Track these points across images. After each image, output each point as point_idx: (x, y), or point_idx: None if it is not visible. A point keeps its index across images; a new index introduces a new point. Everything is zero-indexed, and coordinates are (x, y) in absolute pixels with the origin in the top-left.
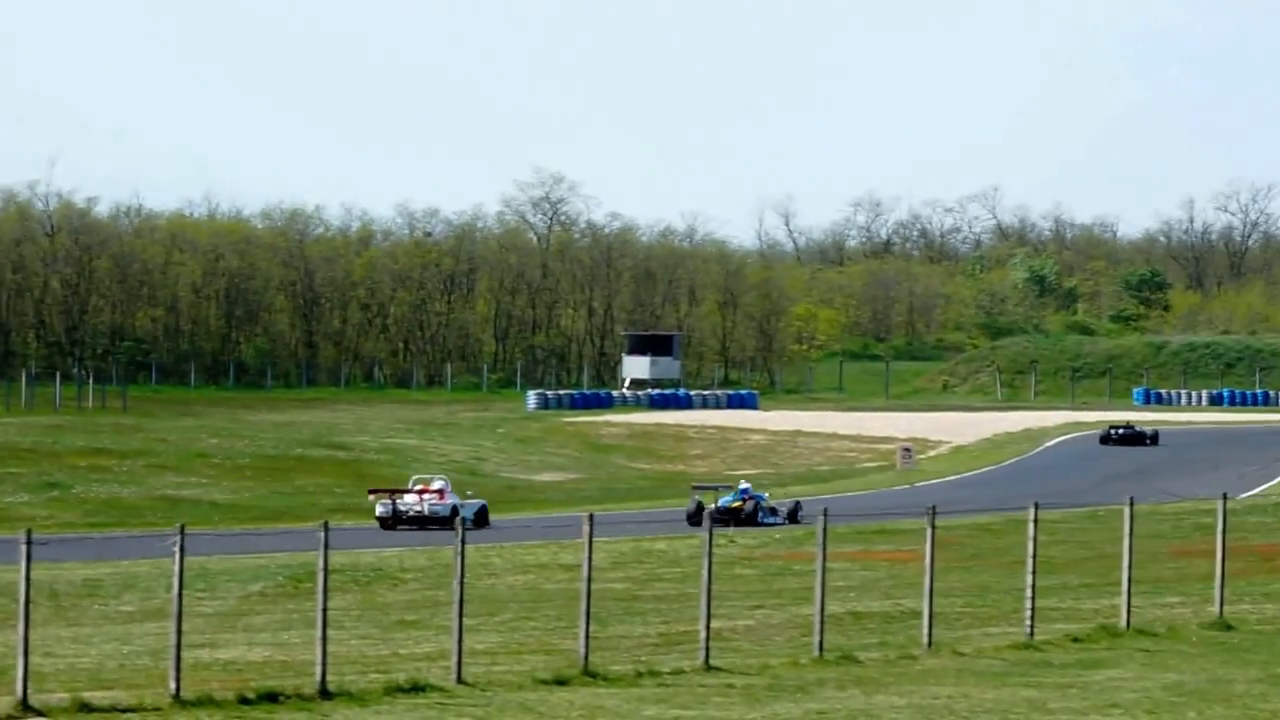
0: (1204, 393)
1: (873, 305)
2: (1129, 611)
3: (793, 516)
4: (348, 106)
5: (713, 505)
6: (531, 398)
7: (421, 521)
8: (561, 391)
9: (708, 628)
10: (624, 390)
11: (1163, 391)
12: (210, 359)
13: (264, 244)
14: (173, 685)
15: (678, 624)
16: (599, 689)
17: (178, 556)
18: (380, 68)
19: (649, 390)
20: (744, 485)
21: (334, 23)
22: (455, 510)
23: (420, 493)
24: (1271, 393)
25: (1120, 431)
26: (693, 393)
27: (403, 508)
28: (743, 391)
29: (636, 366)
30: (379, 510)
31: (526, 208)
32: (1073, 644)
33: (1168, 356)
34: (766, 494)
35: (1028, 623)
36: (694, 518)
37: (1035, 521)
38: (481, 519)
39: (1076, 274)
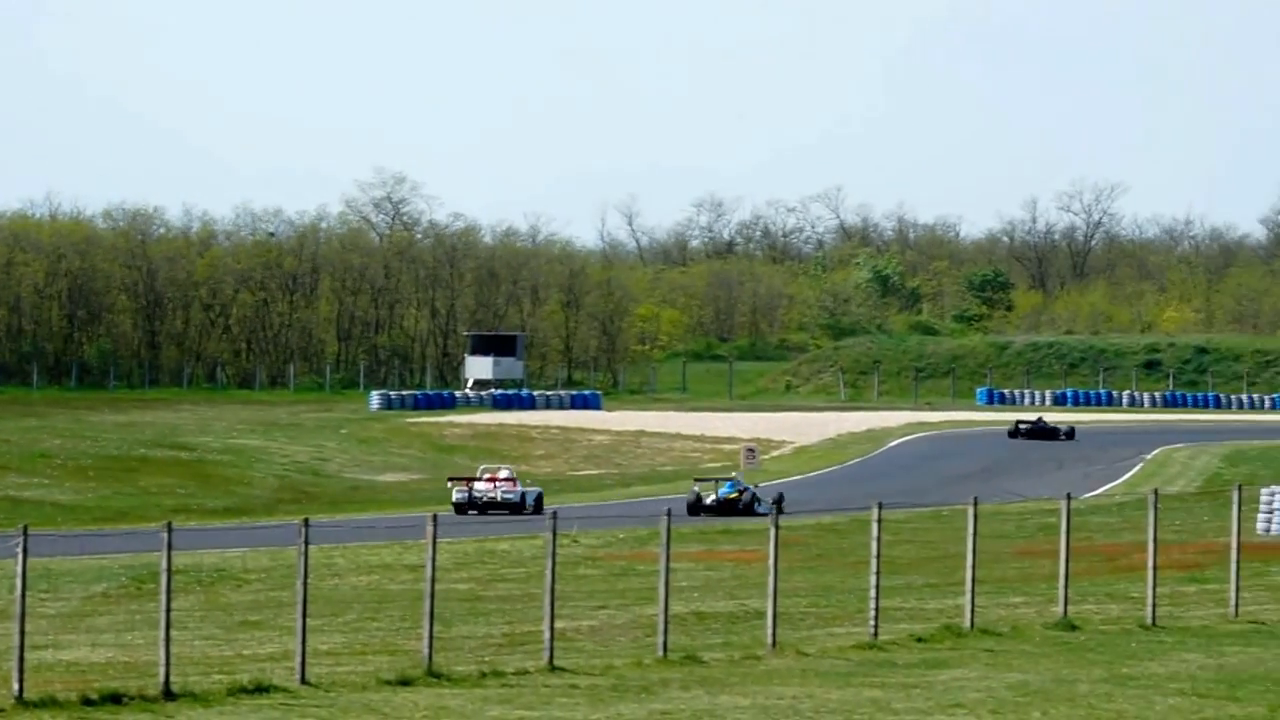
0: (1048, 393)
1: (716, 305)
2: (973, 611)
3: (778, 506)
4: (189, 107)
5: (712, 497)
6: (375, 398)
7: (495, 507)
8: (405, 392)
9: (552, 628)
10: (467, 391)
11: (1006, 391)
12: (53, 359)
13: (106, 244)
14: (15, 686)
15: (522, 624)
16: (443, 689)
17: (20, 557)
18: (221, 67)
19: (492, 390)
20: (736, 476)
21: (175, 21)
22: (524, 497)
23: (491, 480)
24: (1114, 393)
25: (1029, 426)
26: (536, 393)
27: (478, 494)
28: (586, 392)
29: (480, 367)
30: (456, 496)
31: (368, 208)
32: (917, 644)
33: (1011, 357)
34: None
35: (872, 623)
36: (694, 508)
37: (879, 521)
38: (539, 505)
39: (920, 274)
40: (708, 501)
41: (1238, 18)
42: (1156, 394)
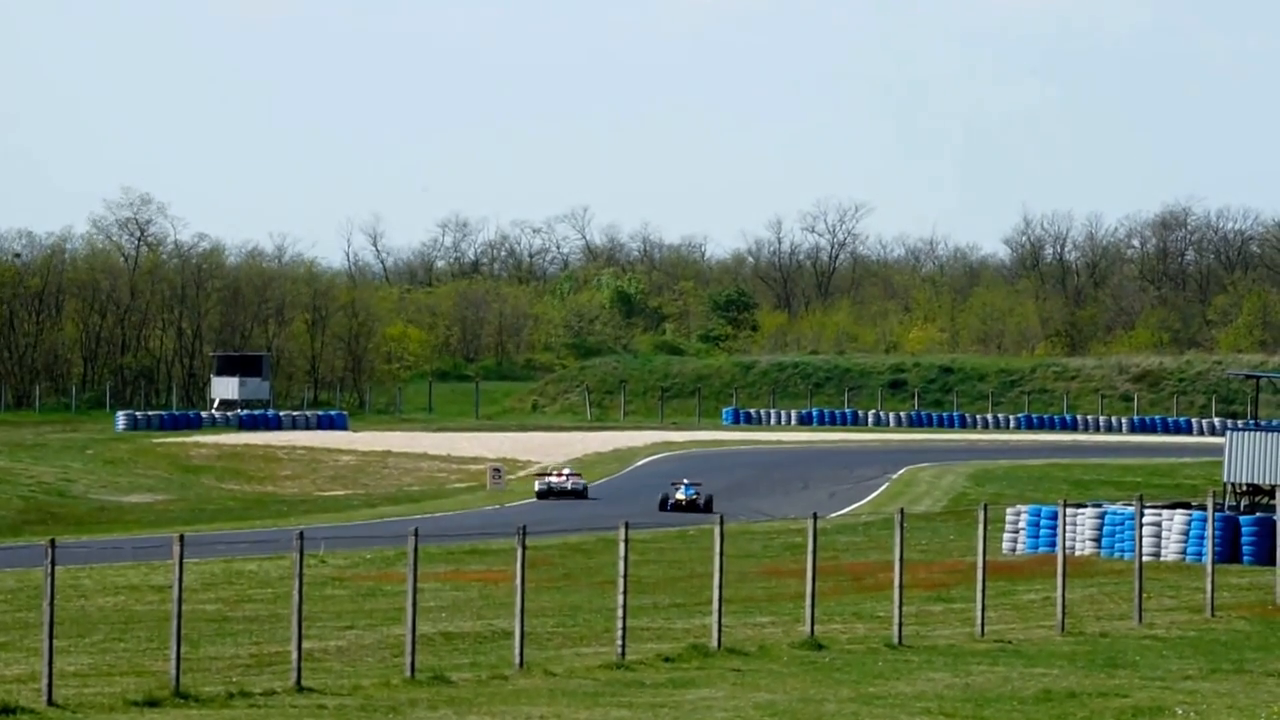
0: (793, 412)
1: (462, 325)
2: (720, 631)
3: (709, 506)
4: None
5: (679, 495)
6: (120, 418)
7: (565, 494)
8: (151, 412)
9: (299, 648)
10: (213, 411)
11: (752, 411)
12: None
13: None
14: None
15: (269, 645)
16: (191, 710)
17: None
18: None
19: (238, 411)
20: (689, 483)
21: None
22: (585, 488)
23: (560, 475)
24: (860, 412)
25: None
26: (282, 413)
27: (554, 485)
28: (333, 412)
29: (225, 387)
30: (537, 486)
31: (114, 228)
32: (664, 664)
33: (756, 376)
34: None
35: (619, 642)
36: (663, 504)
37: (626, 541)
38: (585, 493)
39: (665, 294)
40: (676, 499)
41: (982, 37)
42: (902, 413)
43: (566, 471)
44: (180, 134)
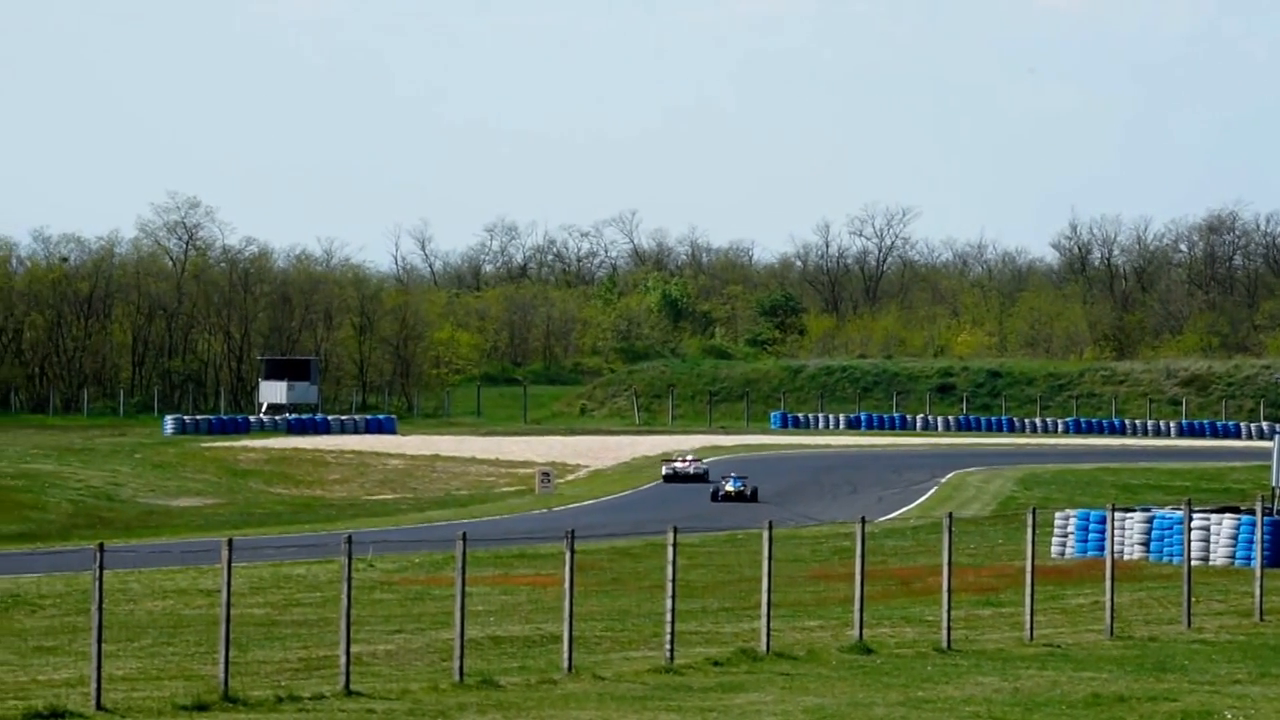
0: (841, 416)
1: (510, 329)
2: (769, 635)
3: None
4: None
5: (729, 489)
6: (169, 423)
7: (690, 479)
8: (199, 417)
9: (348, 652)
10: (261, 415)
11: (800, 415)
12: None
13: None
14: None
15: (318, 649)
16: (239, 714)
17: None
18: (17, 88)
19: (286, 415)
20: (736, 476)
21: None
22: (706, 471)
23: (684, 461)
24: (908, 416)
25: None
26: (330, 417)
27: (679, 469)
28: (380, 416)
29: (273, 391)
30: (664, 470)
31: (162, 232)
32: (713, 668)
33: (804, 380)
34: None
35: (668, 646)
36: (715, 496)
37: (674, 545)
38: (707, 476)
39: (713, 298)
40: (725, 491)
41: (1026, 42)
42: (950, 418)
43: (690, 457)
44: (228, 138)
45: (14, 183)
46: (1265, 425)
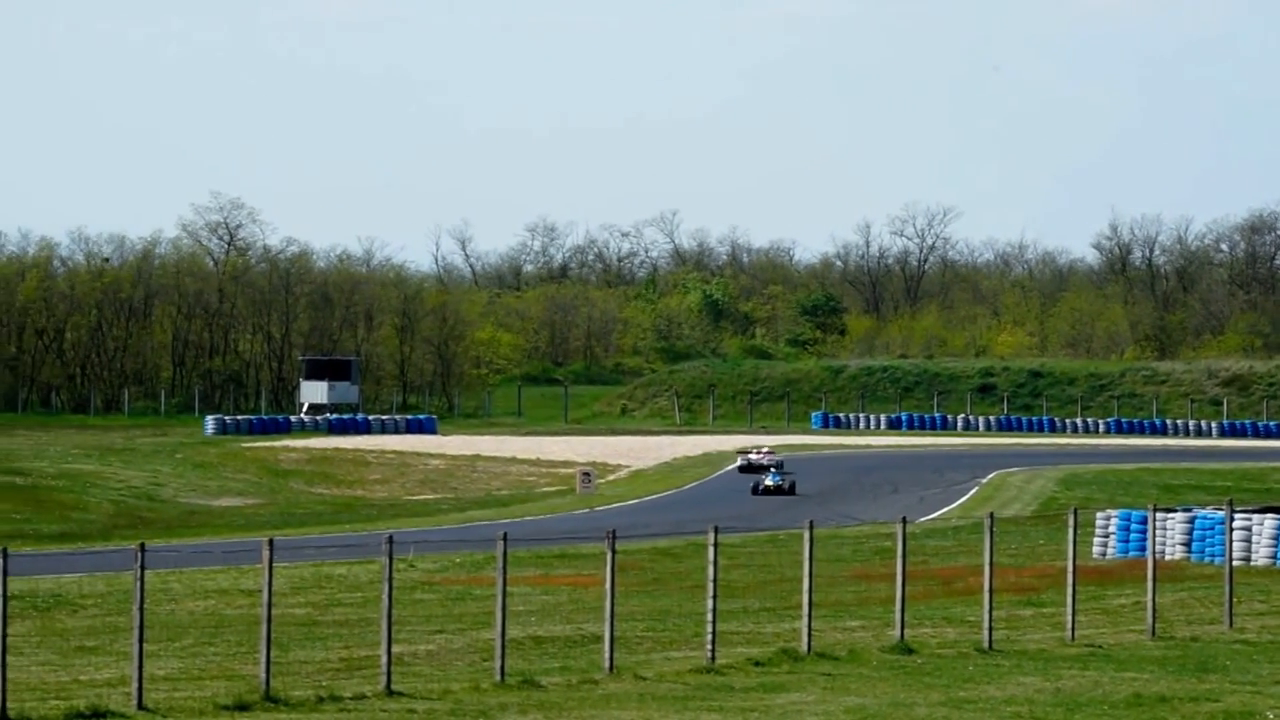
0: (882, 416)
1: (551, 329)
2: (810, 635)
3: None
4: (19, 130)
5: (767, 482)
6: (210, 423)
7: (764, 469)
8: (240, 417)
9: (389, 652)
10: (302, 415)
11: (841, 415)
12: None
13: None
14: None
15: (359, 649)
16: (280, 714)
17: None
18: (59, 87)
19: (327, 415)
20: (775, 469)
21: (6, 40)
22: (782, 463)
23: (759, 453)
24: (949, 416)
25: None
26: (371, 417)
27: (754, 460)
28: (421, 416)
29: (314, 391)
30: (739, 461)
31: (203, 232)
32: (754, 668)
33: (845, 380)
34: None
35: (709, 646)
36: (755, 489)
37: (715, 545)
38: (782, 467)
39: (753, 298)
40: (764, 485)
41: (1071, 39)
42: (991, 418)
43: (765, 450)
44: (269, 138)
45: (55, 183)
46: None
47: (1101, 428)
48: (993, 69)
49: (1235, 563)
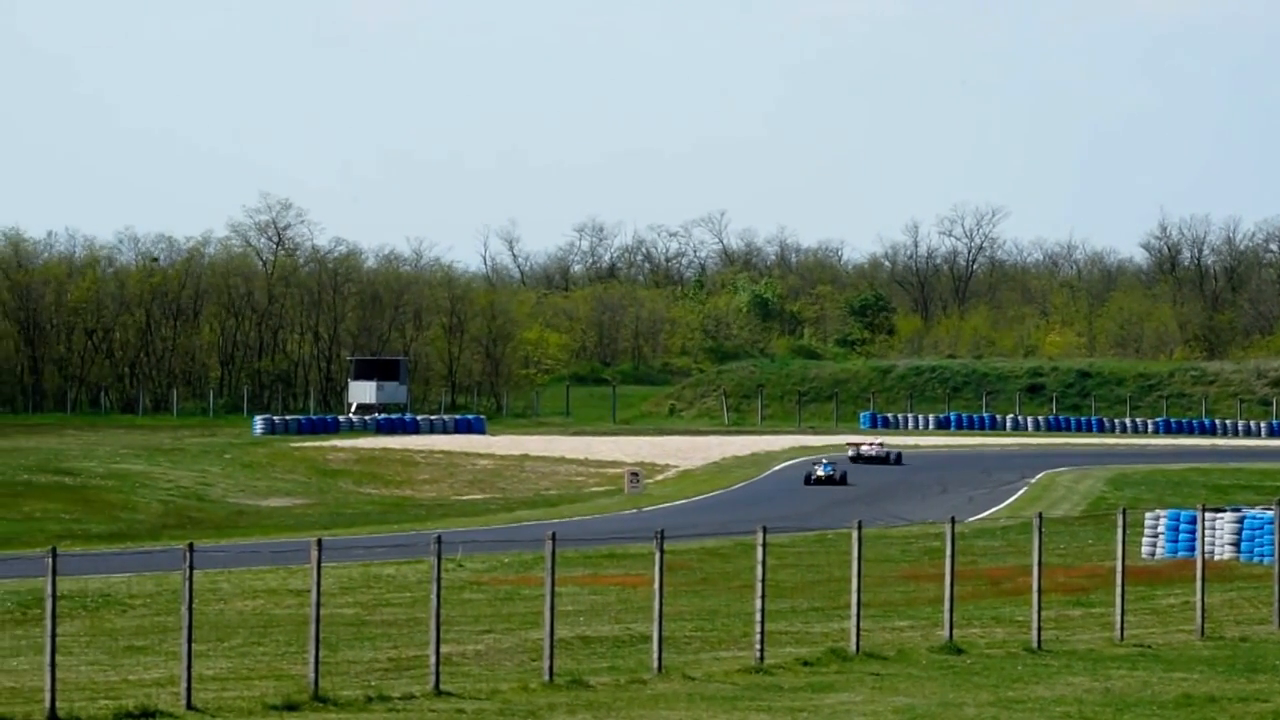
0: (930, 416)
1: (599, 329)
2: (858, 635)
3: (843, 480)
4: (70, 132)
5: (820, 473)
6: (258, 423)
7: (873, 460)
8: (288, 417)
9: (438, 652)
10: (350, 415)
11: (889, 415)
12: None
13: None
14: None
15: (408, 649)
16: (329, 714)
17: None
18: (106, 89)
19: (376, 415)
20: (827, 462)
21: (55, 40)
22: (888, 455)
23: (868, 445)
24: (998, 416)
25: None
26: (420, 417)
27: (864, 451)
28: (470, 416)
29: (363, 391)
30: (850, 453)
31: (252, 233)
32: (803, 668)
33: (894, 380)
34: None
35: (757, 646)
36: (806, 480)
37: (764, 545)
38: (900, 459)
39: (801, 298)
40: (816, 475)
41: (1120, 39)
42: (1040, 418)
43: (876, 442)
44: (318, 139)
45: (104, 185)
46: None
47: (1150, 428)
48: (960, 84)
49: None
